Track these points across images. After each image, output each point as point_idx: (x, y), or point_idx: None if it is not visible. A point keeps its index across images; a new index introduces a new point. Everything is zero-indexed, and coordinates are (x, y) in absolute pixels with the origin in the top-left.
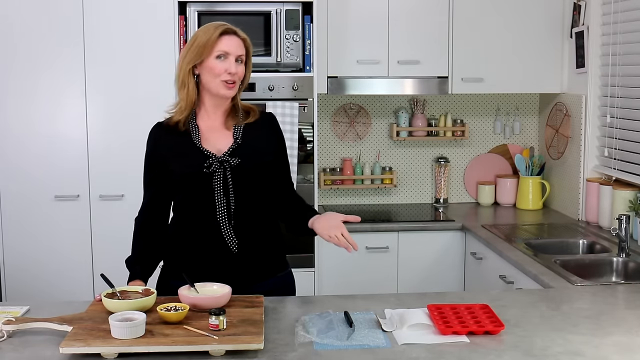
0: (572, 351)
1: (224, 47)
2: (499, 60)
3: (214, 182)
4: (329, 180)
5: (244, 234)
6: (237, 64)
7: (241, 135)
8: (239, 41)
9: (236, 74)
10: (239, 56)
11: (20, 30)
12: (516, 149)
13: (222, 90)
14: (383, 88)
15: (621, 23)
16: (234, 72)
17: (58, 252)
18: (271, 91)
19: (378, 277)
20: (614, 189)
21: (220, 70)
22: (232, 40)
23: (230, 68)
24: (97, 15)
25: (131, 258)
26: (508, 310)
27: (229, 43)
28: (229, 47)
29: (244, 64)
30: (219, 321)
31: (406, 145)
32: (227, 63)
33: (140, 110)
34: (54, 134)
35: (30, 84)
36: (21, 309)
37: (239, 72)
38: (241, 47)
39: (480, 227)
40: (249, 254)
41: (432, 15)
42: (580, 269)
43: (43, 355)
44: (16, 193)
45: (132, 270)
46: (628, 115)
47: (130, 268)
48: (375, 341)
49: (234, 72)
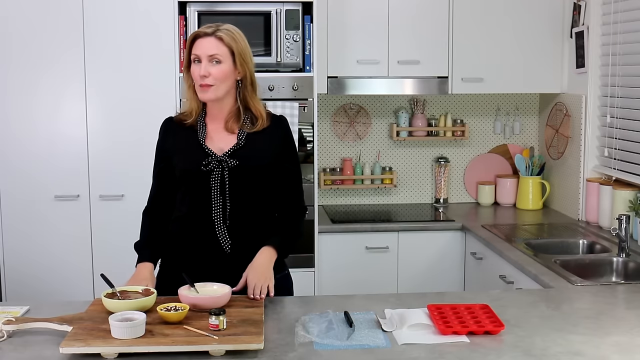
0: (572, 351)
1: (195, 50)
2: (499, 60)
3: (211, 181)
4: (329, 180)
5: (238, 235)
6: (211, 65)
7: (245, 137)
8: (213, 41)
9: (207, 75)
10: (211, 56)
11: (20, 30)
12: (516, 149)
13: (199, 94)
14: (383, 88)
15: (621, 23)
16: (203, 74)
17: (58, 252)
18: (271, 91)
19: (378, 277)
20: (614, 189)
21: (195, 74)
22: (204, 42)
23: (200, 71)
24: (98, 15)
25: (139, 242)
26: (508, 310)
27: (200, 46)
28: (199, 50)
29: (225, 64)
30: (219, 321)
31: (406, 145)
32: (199, 66)
33: (140, 110)
34: (54, 134)
35: (31, 84)
36: (21, 309)
37: (213, 72)
38: (215, 47)
39: (480, 227)
40: (242, 255)
41: (432, 15)
42: (580, 269)
43: (43, 355)
44: (16, 193)
45: (140, 254)
46: (628, 115)
47: (139, 251)
48: (375, 341)
49: (202, 74)
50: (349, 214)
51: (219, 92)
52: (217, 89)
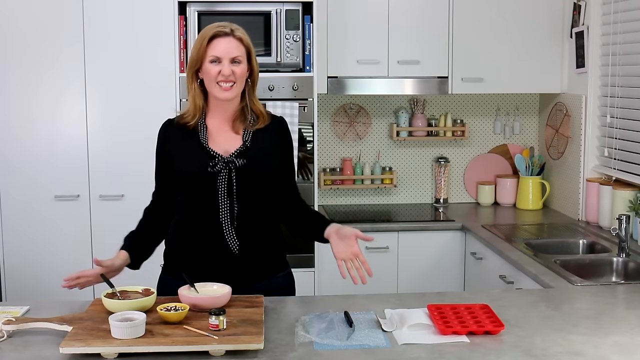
0: (572, 351)
1: (215, 51)
2: (499, 60)
3: (219, 182)
4: (329, 180)
5: (245, 236)
6: (234, 65)
7: (250, 138)
8: (233, 42)
9: (231, 74)
10: (234, 58)
11: (20, 30)
12: (516, 149)
13: (218, 94)
14: (383, 88)
15: (621, 23)
16: (228, 74)
17: (58, 252)
18: (271, 91)
19: (378, 277)
20: (614, 189)
21: (214, 73)
22: (224, 42)
23: (223, 70)
24: (97, 15)
25: (129, 233)
26: (508, 310)
27: (221, 46)
28: (220, 51)
29: (243, 64)
30: (219, 321)
31: (406, 145)
32: (221, 66)
33: (140, 110)
34: (54, 134)
35: (31, 84)
36: (21, 309)
37: (237, 71)
38: (236, 48)
39: (480, 227)
40: (250, 256)
41: (432, 15)
42: (580, 269)
43: (43, 355)
44: (16, 193)
45: (123, 242)
46: (628, 115)
47: (124, 240)
48: (375, 341)
49: (227, 73)
50: (349, 214)
51: (238, 90)
52: (237, 88)
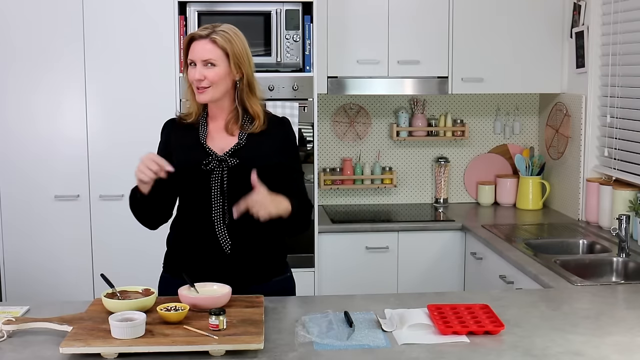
0: (572, 351)
1: (191, 55)
2: (499, 60)
3: (212, 180)
4: (329, 180)
5: (238, 235)
6: (206, 69)
7: (245, 138)
8: (208, 44)
9: (202, 79)
10: (206, 60)
11: (20, 30)
12: (516, 149)
13: (196, 97)
14: (383, 88)
15: (621, 23)
16: (197, 78)
17: (58, 252)
18: (271, 91)
19: (378, 277)
20: (614, 189)
21: (191, 77)
22: (198, 45)
23: (194, 74)
24: (97, 15)
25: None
26: (508, 310)
27: (194, 49)
28: (193, 54)
29: (219, 67)
30: (219, 321)
31: (406, 145)
32: (195, 69)
33: (140, 110)
34: (54, 134)
35: (30, 84)
36: (21, 309)
37: (209, 75)
38: (209, 51)
39: (480, 227)
40: (243, 256)
41: (432, 15)
42: (580, 269)
43: (43, 355)
44: (16, 193)
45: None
46: (628, 115)
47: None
48: (375, 341)
49: (196, 77)
50: (349, 214)
51: (215, 94)
52: (213, 91)
